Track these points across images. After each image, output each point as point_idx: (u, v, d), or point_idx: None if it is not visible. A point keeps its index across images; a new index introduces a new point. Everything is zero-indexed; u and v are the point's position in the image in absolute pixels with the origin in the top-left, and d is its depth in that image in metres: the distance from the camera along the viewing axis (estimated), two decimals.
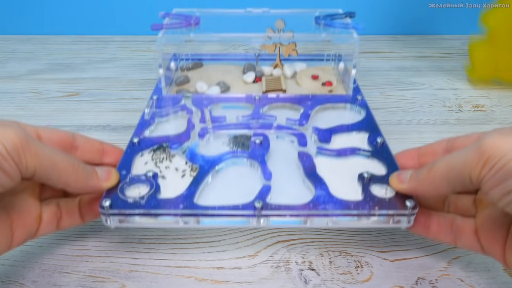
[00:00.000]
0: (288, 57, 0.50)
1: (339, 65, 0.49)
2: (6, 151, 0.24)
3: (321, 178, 0.32)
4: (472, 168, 0.24)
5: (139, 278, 0.31)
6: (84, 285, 0.31)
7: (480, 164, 0.24)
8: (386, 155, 0.35)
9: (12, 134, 0.24)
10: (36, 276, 0.31)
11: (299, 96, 0.44)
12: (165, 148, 0.36)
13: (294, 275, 0.31)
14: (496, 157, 0.23)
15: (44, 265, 0.32)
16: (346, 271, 0.32)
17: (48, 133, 0.31)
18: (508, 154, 0.23)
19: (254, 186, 0.32)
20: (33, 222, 0.29)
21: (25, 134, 0.25)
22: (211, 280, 0.31)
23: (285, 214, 0.29)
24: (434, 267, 0.32)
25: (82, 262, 0.33)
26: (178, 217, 0.30)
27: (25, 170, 0.25)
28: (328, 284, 0.31)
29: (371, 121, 0.40)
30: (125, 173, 0.33)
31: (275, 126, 0.39)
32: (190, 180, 0.33)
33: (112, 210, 0.29)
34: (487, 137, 0.24)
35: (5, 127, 0.24)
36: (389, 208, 0.29)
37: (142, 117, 0.40)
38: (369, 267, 0.32)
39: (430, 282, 0.31)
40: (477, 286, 0.30)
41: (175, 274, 0.32)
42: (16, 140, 0.24)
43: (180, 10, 0.48)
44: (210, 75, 0.50)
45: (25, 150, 0.24)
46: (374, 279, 0.31)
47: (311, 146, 0.37)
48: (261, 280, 0.31)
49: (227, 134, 0.39)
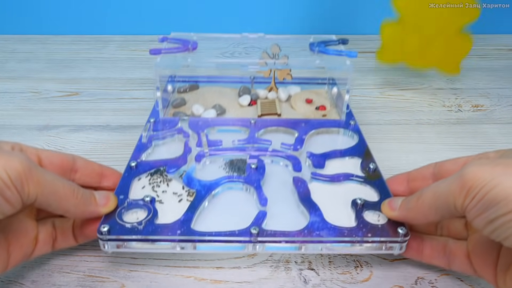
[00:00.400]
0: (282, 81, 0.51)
1: (333, 89, 0.50)
2: (9, 180, 0.24)
3: (315, 204, 0.33)
4: (455, 197, 0.25)
5: (138, 278, 0.31)
6: (84, 285, 0.31)
7: (463, 194, 0.25)
8: (379, 181, 0.36)
9: (17, 162, 0.25)
10: (36, 275, 0.31)
11: (294, 120, 0.45)
12: (162, 172, 0.37)
13: (294, 275, 0.32)
14: (477, 187, 0.24)
15: (43, 264, 0.32)
16: (346, 271, 0.32)
17: (49, 156, 0.31)
18: (488, 184, 0.23)
19: (250, 211, 0.33)
20: (29, 244, 0.30)
21: (29, 162, 0.26)
22: (211, 280, 0.31)
23: (281, 241, 0.30)
24: (433, 267, 0.32)
25: (82, 262, 0.33)
26: (176, 243, 0.30)
27: (26, 198, 0.25)
28: (327, 284, 0.31)
29: (364, 146, 0.41)
30: (123, 198, 0.33)
31: (270, 150, 0.40)
32: (187, 205, 0.33)
33: (110, 235, 0.30)
34: (469, 166, 0.25)
35: (10, 156, 0.25)
36: (382, 235, 0.30)
37: (140, 140, 0.41)
38: (368, 267, 0.32)
39: (429, 282, 0.31)
40: (476, 286, 0.31)
41: (175, 274, 0.32)
42: (20, 169, 0.25)
43: (178, 35, 0.49)
44: (206, 98, 0.50)
45: (28, 178, 0.25)
46: (373, 279, 0.31)
47: (306, 171, 0.38)
48: (261, 280, 0.31)
49: (223, 158, 0.40)
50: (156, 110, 0.45)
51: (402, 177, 0.35)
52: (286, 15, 0.80)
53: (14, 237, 0.29)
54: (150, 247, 0.30)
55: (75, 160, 0.33)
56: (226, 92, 0.52)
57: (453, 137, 0.49)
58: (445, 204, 0.26)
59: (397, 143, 0.40)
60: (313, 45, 0.47)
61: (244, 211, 0.33)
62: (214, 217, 0.33)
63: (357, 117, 0.45)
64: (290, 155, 0.40)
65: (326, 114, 0.47)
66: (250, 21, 0.81)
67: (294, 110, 0.49)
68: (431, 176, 0.33)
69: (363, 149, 0.41)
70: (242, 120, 0.45)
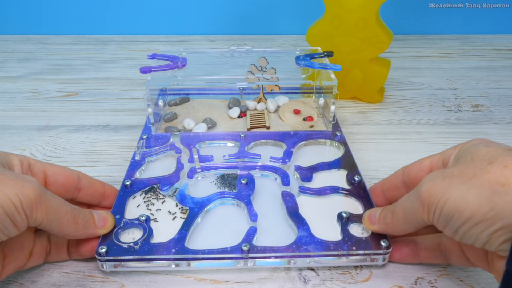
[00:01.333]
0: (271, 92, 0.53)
1: (319, 100, 0.52)
2: (21, 205, 0.25)
3: (303, 218, 0.35)
4: (421, 214, 0.27)
5: (138, 278, 0.32)
6: (84, 285, 0.31)
7: (425, 212, 0.27)
8: (363, 193, 0.38)
9: (30, 190, 0.26)
10: (36, 276, 0.32)
11: (282, 133, 0.47)
12: (156, 190, 0.38)
13: (294, 275, 0.32)
14: (434, 204, 0.26)
15: (43, 265, 0.33)
16: (346, 271, 0.32)
17: (55, 174, 0.32)
18: (441, 200, 0.25)
19: (241, 226, 0.35)
20: (24, 257, 0.31)
21: (40, 189, 0.27)
22: (211, 280, 0.32)
23: (270, 256, 0.32)
24: (433, 267, 0.33)
25: (82, 262, 0.33)
26: (171, 261, 0.32)
27: (33, 222, 0.27)
28: (327, 284, 0.31)
29: (350, 158, 0.43)
30: (119, 217, 0.35)
31: (260, 165, 0.42)
32: (181, 222, 0.35)
33: (107, 256, 0.31)
34: (424, 184, 0.27)
35: (24, 182, 0.26)
36: (366, 248, 0.32)
37: (133, 158, 0.42)
38: (368, 267, 0.33)
39: (429, 282, 0.31)
40: (476, 286, 0.31)
41: (175, 274, 0.32)
42: (32, 196, 0.26)
43: (167, 51, 0.50)
44: (197, 111, 0.52)
45: (37, 206, 0.26)
46: (373, 279, 0.32)
47: (294, 184, 0.40)
48: (261, 280, 0.32)
49: (214, 173, 0.41)
50: (148, 126, 0.47)
51: (377, 188, 0.37)
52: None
53: (10, 250, 0.30)
54: (147, 265, 0.32)
55: (80, 179, 0.34)
56: (216, 104, 0.54)
57: (453, 137, 0.50)
58: (416, 219, 0.28)
59: (397, 143, 0.40)
60: (299, 58, 0.49)
61: (235, 226, 0.35)
62: (207, 233, 0.34)
63: (356, 117, 0.45)
64: (279, 169, 0.41)
65: (314, 125, 0.49)
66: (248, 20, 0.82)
67: (282, 121, 0.50)
68: (402, 185, 0.34)
69: (349, 160, 0.42)
70: (232, 134, 0.46)
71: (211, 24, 0.81)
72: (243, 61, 0.51)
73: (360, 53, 0.52)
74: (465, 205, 0.24)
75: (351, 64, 0.54)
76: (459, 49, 0.74)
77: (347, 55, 0.53)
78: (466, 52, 0.60)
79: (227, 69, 0.50)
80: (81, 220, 0.30)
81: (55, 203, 0.28)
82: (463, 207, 0.24)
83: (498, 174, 0.24)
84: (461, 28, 0.81)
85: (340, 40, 0.52)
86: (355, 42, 0.52)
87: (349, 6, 0.50)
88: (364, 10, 0.49)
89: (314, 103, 0.54)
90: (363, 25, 0.50)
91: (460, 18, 0.80)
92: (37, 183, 0.27)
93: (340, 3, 0.50)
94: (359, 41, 0.52)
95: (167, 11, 0.80)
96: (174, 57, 0.48)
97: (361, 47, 0.52)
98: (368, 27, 0.50)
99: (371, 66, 0.53)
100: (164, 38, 0.80)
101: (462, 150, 0.29)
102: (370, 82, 0.55)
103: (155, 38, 0.80)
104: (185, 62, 0.48)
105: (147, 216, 0.35)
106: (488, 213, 0.24)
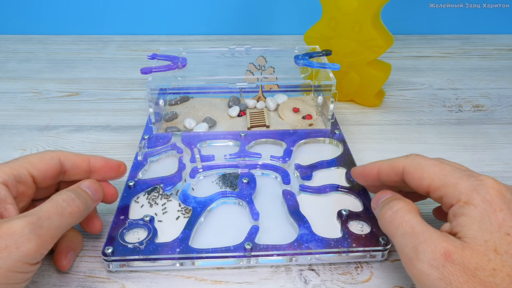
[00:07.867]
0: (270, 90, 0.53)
1: (318, 98, 0.52)
2: (29, 262, 0.26)
3: (303, 216, 0.36)
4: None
5: (139, 278, 0.32)
6: (84, 286, 0.32)
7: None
8: (362, 191, 0.38)
9: (27, 244, 0.26)
10: (36, 276, 0.32)
11: (281, 132, 0.47)
12: (159, 190, 0.39)
13: (294, 275, 0.32)
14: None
15: (43, 265, 0.33)
16: (346, 271, 0.33)
17: (39, 171, 0.32)
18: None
19: (243, 225, 0.35)
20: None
21: (35, 232, 0.26)
22: (211, 281, 0.32)
23: (272, 254, 0.33)
24: None
25: (82, 263, 0.33)
26: (175, 260, 0.32)
27: (49, 249, 0.28)
28: (328, 284, 0.32)
29: (348, 156, 0.43)
30: (123, 218, 0.35)
31: (261, 164, 0.42)
32: (184, 222, 0.36)
33: (114, 256, 0.32)
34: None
35: (17, 241, 0.26)
36: (365, 245, 0.33)
37: (135, 159, 0.43)
38: (369, 268, 0.33)
39: None
40: None
41: (175, 275, 0.32)
42: (32, 248, 0.26)
43: (167, 51, 0.51)
44: (197, 110, 0.52)
45: (42, 246, 0.27)
46: (374, 279, 0.32)
47: (294, 183, 0.40)
48: (261, 280, 0.32)
49: (216, 172, 0.42)
50: (150, 126, 0.47)
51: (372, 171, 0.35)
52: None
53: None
54: (152, 265, 0.33)
55: (62, 163, 0.33)
56: (216, 103, 0.54)
57: (454, 137, 0.50)
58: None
59: (398, 144, 0.41)
60: (298, 57, 0.49)
61: (238, 224, 0.36)
62: (210, 232, 0.35)
63: (357, 117, 0.45)
64: (279, 168, 0.42)
65: (313, 123, 0.49)
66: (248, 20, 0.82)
67: (282, 119, 0.51)
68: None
69: (348, 158, 0.43)
70: (232, 133, 0.47)
71: (211, 24, 0.82)
72: (243, 61, 0.51)
73: (357, 56, 0.53)
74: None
75: (348, 66, 0.54)
76: (459, 49, 0.74)
77: (344, 57, 0.53)
78: (467, 52, 0.61)
79: (227, 69, 0.51)
80: (82, 204, 0.30)
81: (54, 222, 0.28)
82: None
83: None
84: (462, 28, 0.82)
85: (337, 42, 0.53)
86: (352, 45, 0.52)
87: (345, 8, 0.50)
88: (359, 13, 0.49)
89: (312, 101, 0.55)
90: (359, 28, 0.50)
91: (460, 18, 0.81)
92: (27, 228, 0.26)
93: (336, 5, 0.50)
94: (355, 44, 0.52)
95: (167, 11, 0.80)
96: (174, 57, 0.49)
97: (357, 50, 0.52)
98: (364, 30, 0.50)
99: (367, 70, 0.53)
100: (164, 38, 0.81)
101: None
102: (367, 86, 0.55)
103: (156, 38, 0.80)
104: (185, 62, 0.48)
105: (151, 217, 0.36)
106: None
